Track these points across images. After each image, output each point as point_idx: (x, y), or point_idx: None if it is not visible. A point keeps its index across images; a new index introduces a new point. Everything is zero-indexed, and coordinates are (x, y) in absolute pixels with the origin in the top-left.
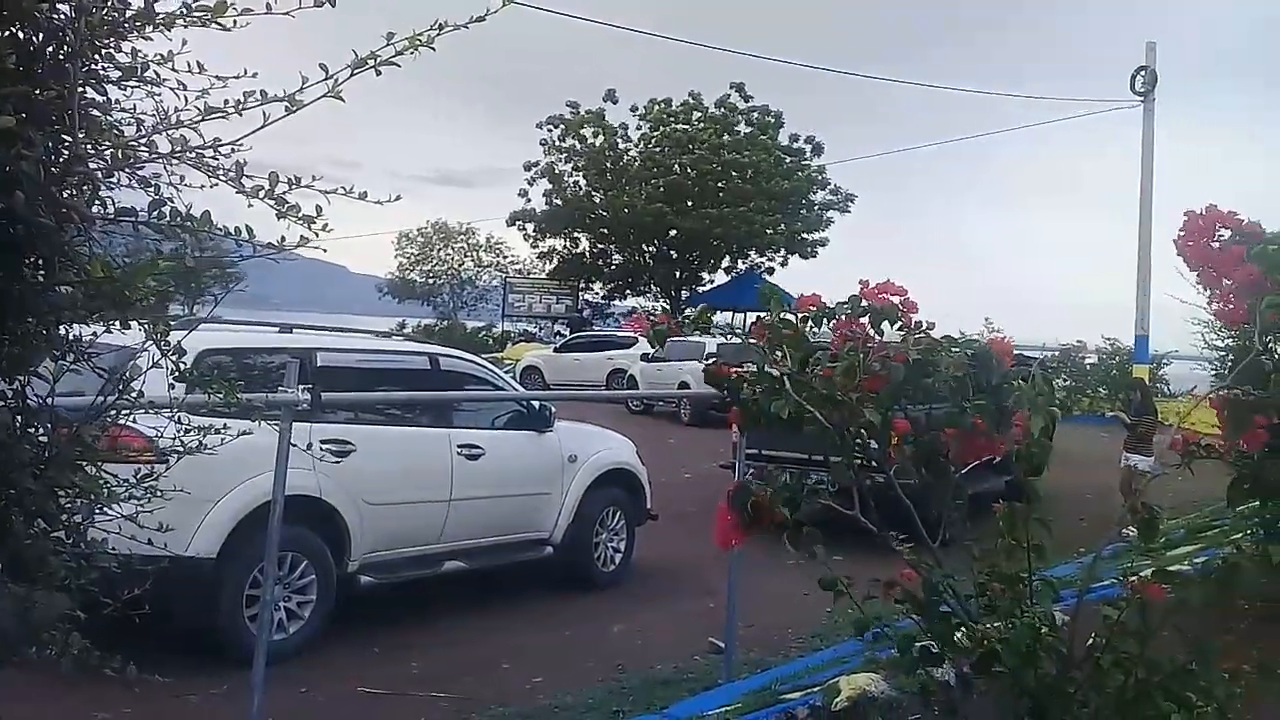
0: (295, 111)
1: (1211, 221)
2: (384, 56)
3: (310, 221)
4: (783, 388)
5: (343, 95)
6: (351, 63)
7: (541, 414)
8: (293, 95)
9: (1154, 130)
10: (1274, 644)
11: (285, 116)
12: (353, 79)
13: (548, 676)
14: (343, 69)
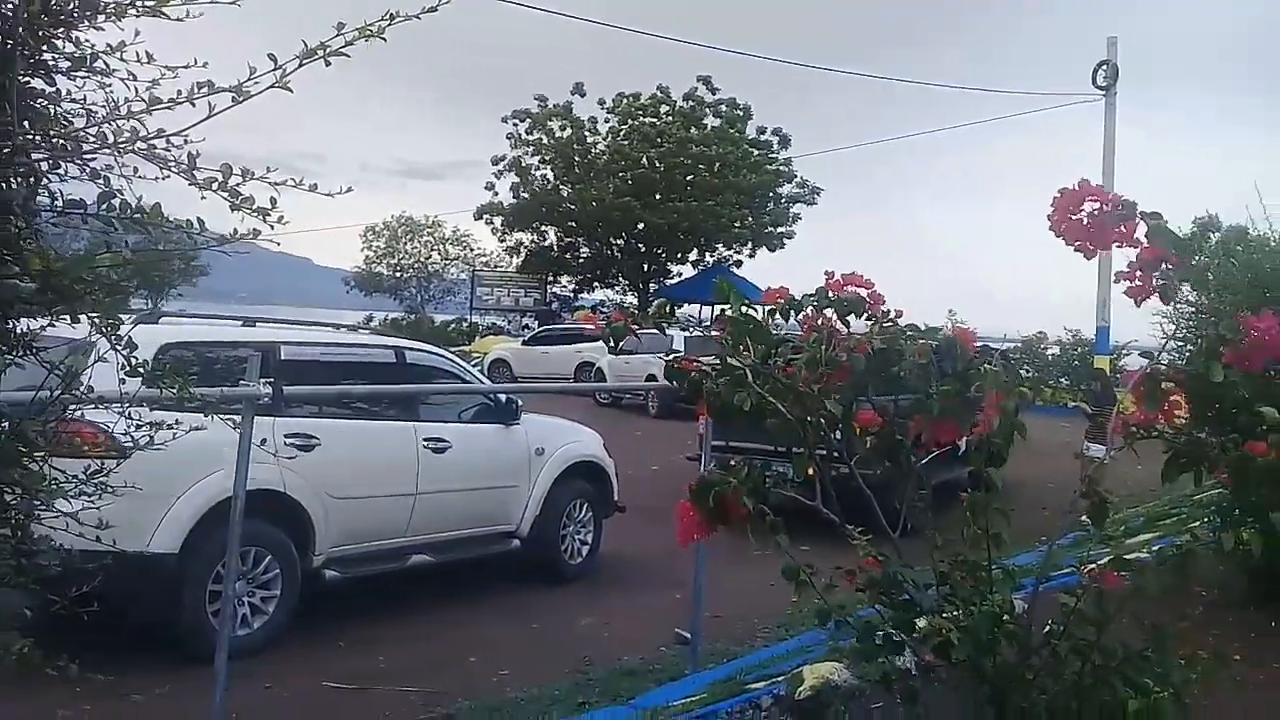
0: (242, 102)
1: (1079, 196)
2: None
3: (265, 214)
4: (745, 380)
5: (290, 86)
6: (300, 53)
7: (508, 407)
8: (240, 85)
9: (1115, 123)
10: (1229, 630)
11: (232, 107)
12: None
13: (515, 669)
14: (291, 60)
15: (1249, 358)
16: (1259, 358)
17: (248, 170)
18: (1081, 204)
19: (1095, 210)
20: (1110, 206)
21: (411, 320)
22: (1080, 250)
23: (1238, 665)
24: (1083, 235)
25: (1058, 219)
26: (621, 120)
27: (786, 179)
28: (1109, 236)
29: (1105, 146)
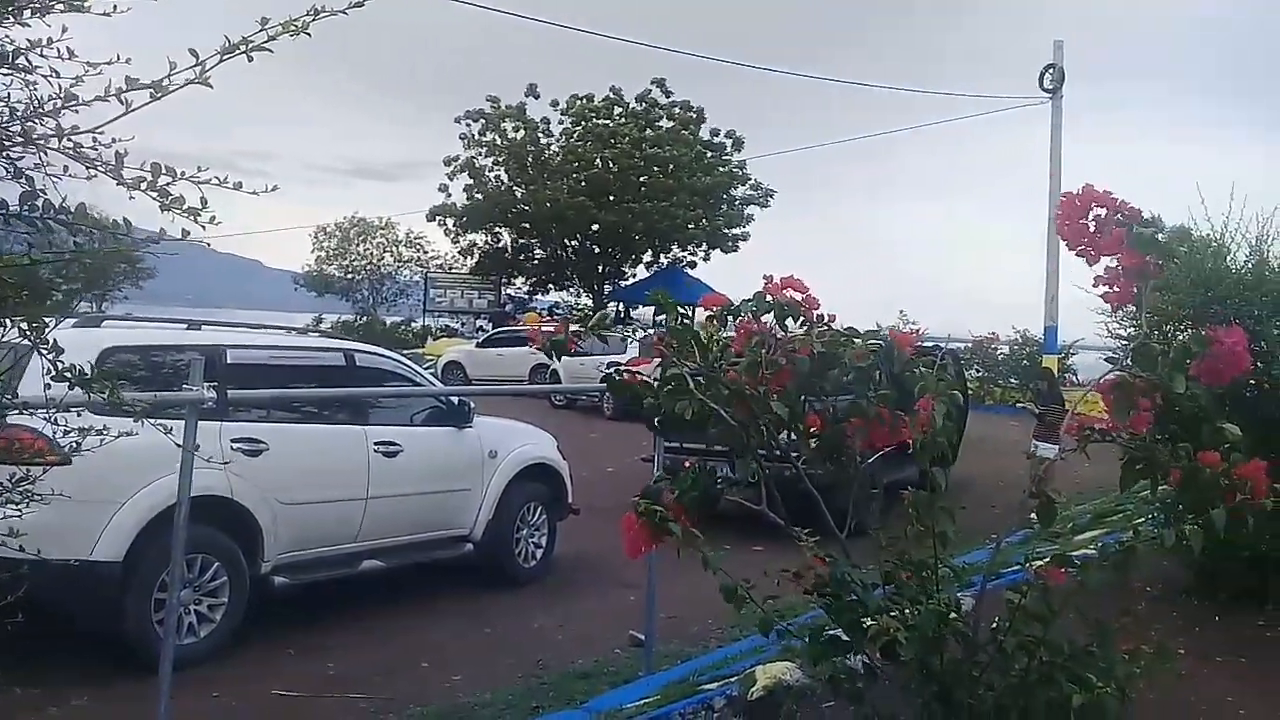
0: (160, 97)
1: (1087, 201)
2: (256, 42)
3: (195, 214)
4: (687, 388)
5: (210, 82)
6: (221, 48)
7: (461, 410)
8: (159, 82)
9: (1062, 125)
10: (1173, 624)
11: (150, 102)
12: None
13: (467, 674)
14: (212, 55)
15: (1214, 372)
16: (1225, 373)
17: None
18: (1088, 210)
19: (1102, 216)
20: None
21: (363, 322)
22: (1082, 255)
23: (1181, 659)
24: (1087, 240)
25: (1063, 223)
26: (575, 121)
27: (740, 181)
28: (1112, 243)
29: (1052, 148)
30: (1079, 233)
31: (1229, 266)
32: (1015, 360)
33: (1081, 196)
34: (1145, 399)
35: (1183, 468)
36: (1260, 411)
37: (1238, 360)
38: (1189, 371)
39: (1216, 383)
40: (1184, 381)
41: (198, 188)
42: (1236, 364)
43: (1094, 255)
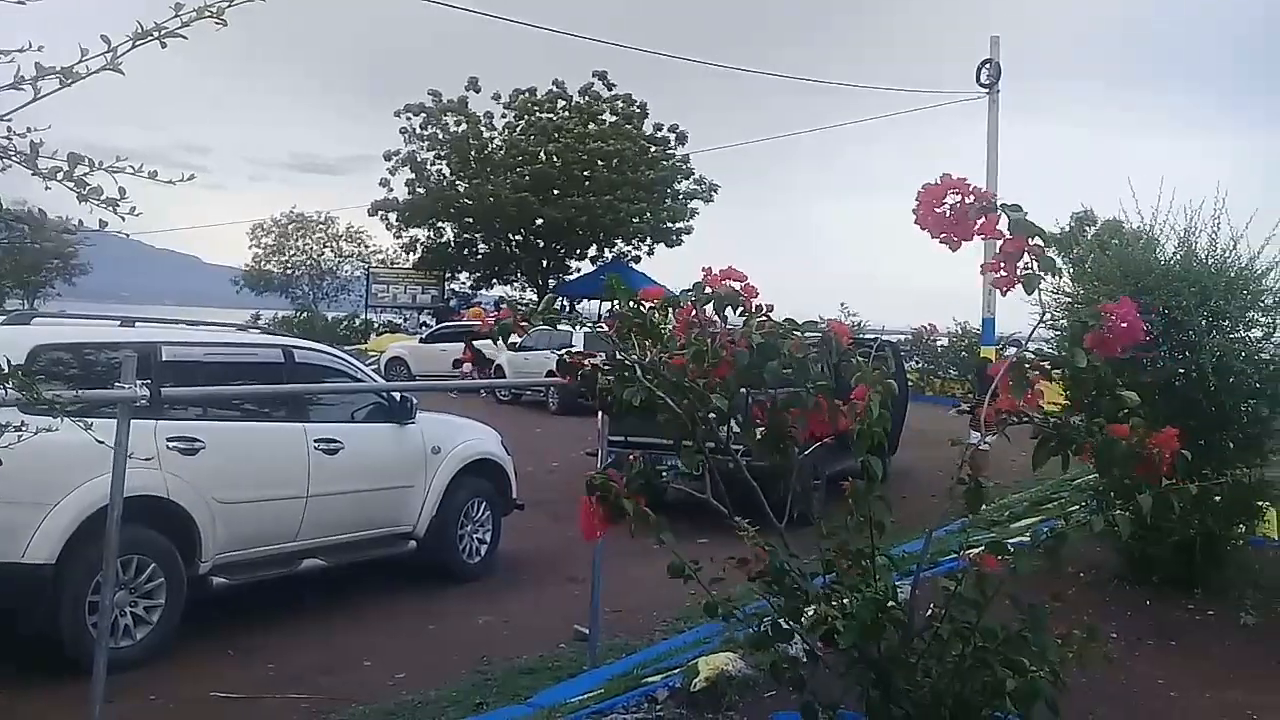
0: (70, 84)
1: (943, 189)
2: (170, 28)
3: (114, 205)
4: (634, 376)
5: (122, 69)
6: (133, 34)
7: (403, 406)
8: (69, 68)
9: (998, 121)
10: (1105, 608)
11: (60, 89)
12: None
13: (410, 672)
14: (124, 41)
15: (1108, 343)
16: (1118, 343)
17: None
18: (944, 197)
19: (957, 203)
20: (971, 199)
21: (304, 318)
22: (945, 242)
23: (1113, 643)
24: (945, 227)
25: (922, 212)
26: (518, 115)
27: (683, 175)
28: (971, 228)
29: (989, 143)
30: (938, 221)
31: (1158, 258)
32: (954, 352)
33: (938, 185)
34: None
35: (1095, 441)
36: (1188, 400)
37: (1130, 330)
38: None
39: (1109, 353)
40: (1084, 355)
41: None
42: (1129, 334)
43: (955, 241)
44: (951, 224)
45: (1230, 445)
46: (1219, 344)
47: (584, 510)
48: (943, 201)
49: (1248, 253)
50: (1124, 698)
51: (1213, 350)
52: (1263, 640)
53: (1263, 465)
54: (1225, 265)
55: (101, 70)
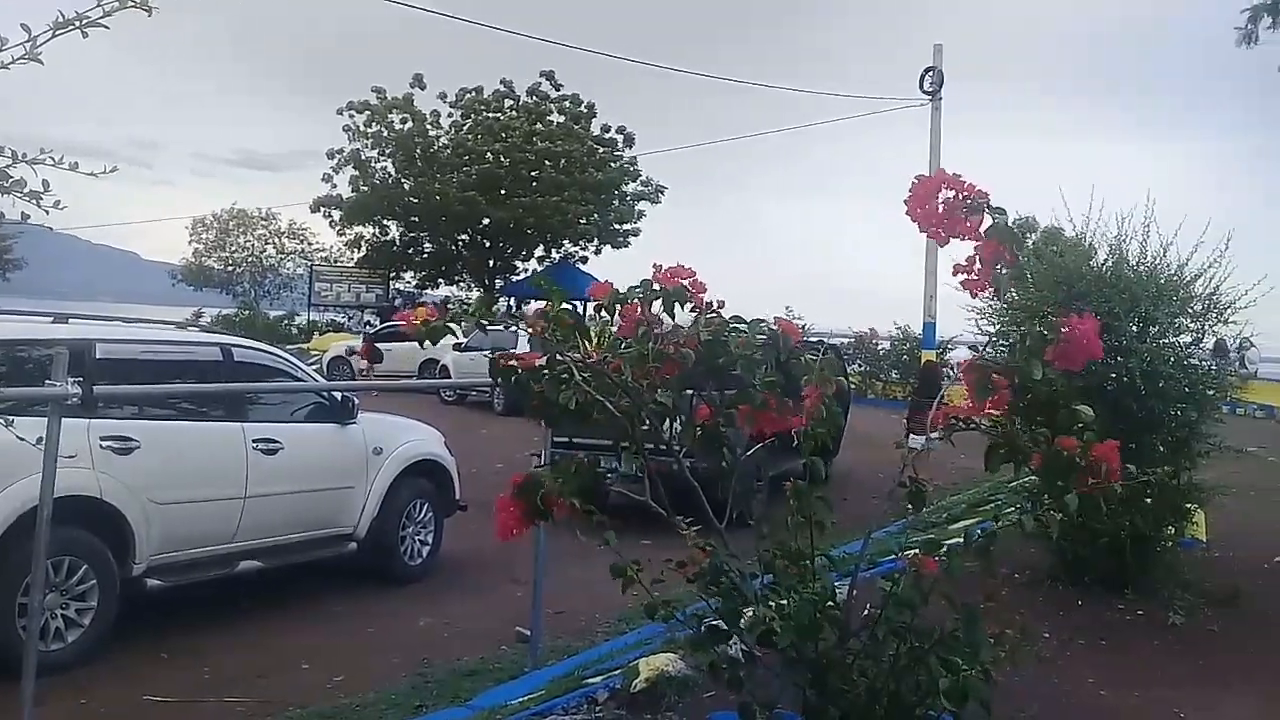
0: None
1: (937, 184)
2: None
3: (37, 197)
4: (571, 377)
5: (41, 58)
6: (54, 23)
7: (344, 406)
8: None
9: (941, 127)
10: (1039, 608)
11: None
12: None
13: (350, 675)
14: (44, 30)
15: (1067, 357)
16: (1078, 357)
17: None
18: (938, 192)
19: (951, 199)
20: (966, 195)
21: (245, 316)
22: (933, 236)
23: (1046, 643)
24: (937, 222)
25: (914, 205)
26: (464, 114)
27: (631, 176)
28: (962, 225)
29: (931, 148)
30: (929, 215)
31: (1091, 265)
32: (896, 355)
33: (932, 179)
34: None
35: (1043, 451)
36: (1119, 404)
37: (1090, 346)
38: (1045, 357)
39: (1070, 367)
40: (1041, 367)
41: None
42: (1089, 349)
43: (942, 237)
44: (943, 220)
45: (1160, 448)
46: (1149, 349)
47: (501, 508)
48: (935, 196)
49: (1177, 260)
50: (1055, 696)
51: (1143, 355)
52: (1190, 640)
53: (1191, 468)
54: (1155, 272)
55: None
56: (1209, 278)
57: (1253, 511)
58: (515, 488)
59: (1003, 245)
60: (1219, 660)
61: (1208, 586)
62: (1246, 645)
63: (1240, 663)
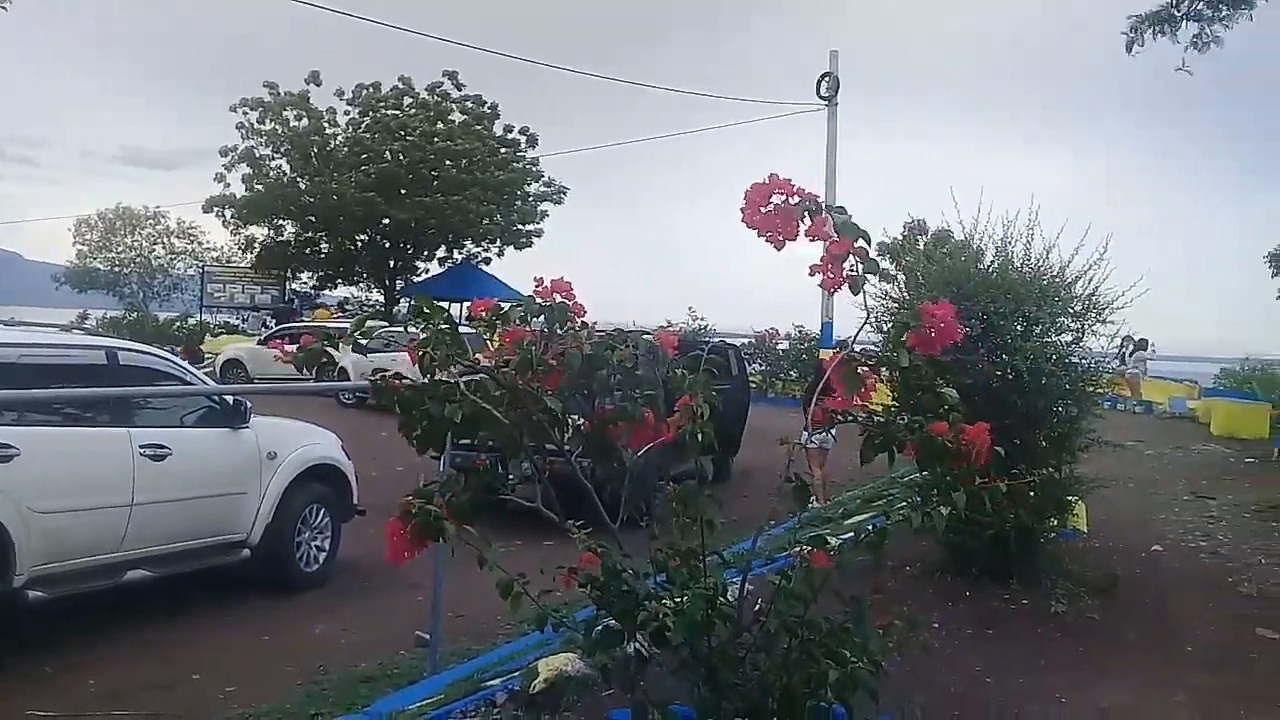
0: None
1: (769, 189)
2: None
3: None
4: (455, 390)
5: None
6: None
7: (236, 409)
8: None
9: (837, 131)
10: (927, 600)
11: None
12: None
13: (242, 685)
14: None
15: (929, 342)
16: (938, 342)
17: None
18: (769, 197)
19: (781, 202)
20: (795, 199)
21: (133, 319)
22: (770, 241)
23: (935, 632)
24: (771, 226)
25: (750, 212)
26: (362, 112)
27: (534, 177)
28: (796, 228)
29: (828, 151)
30: (765, 220)
31: (978, 267)
32: (795, 354)
33: (764, 186)
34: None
35: (916, 438)
36: (1004, 401)
37: (947, 330)
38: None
39: (929, 351)
40: (907, 354)
41: None
42: (947, 334)
43: (779, 240)
44: (777, 223)
45: (1043, 443)
46: (1032, 348)
47: (391, 533)
48: (769, 201)
49: (1059, 262)
50: (943, 685)
51: (1026, 354)
52: (1071, 627)
53: (1072, 462)
54: (1039, 274)
55: None
56: (1089, 279)
57: (1131, 503)
58: (403, 513)
59: (851, 243)
60: (1098, 646)
61: (1088, 575)
62: (1124, 631)
63: (1117, 647)
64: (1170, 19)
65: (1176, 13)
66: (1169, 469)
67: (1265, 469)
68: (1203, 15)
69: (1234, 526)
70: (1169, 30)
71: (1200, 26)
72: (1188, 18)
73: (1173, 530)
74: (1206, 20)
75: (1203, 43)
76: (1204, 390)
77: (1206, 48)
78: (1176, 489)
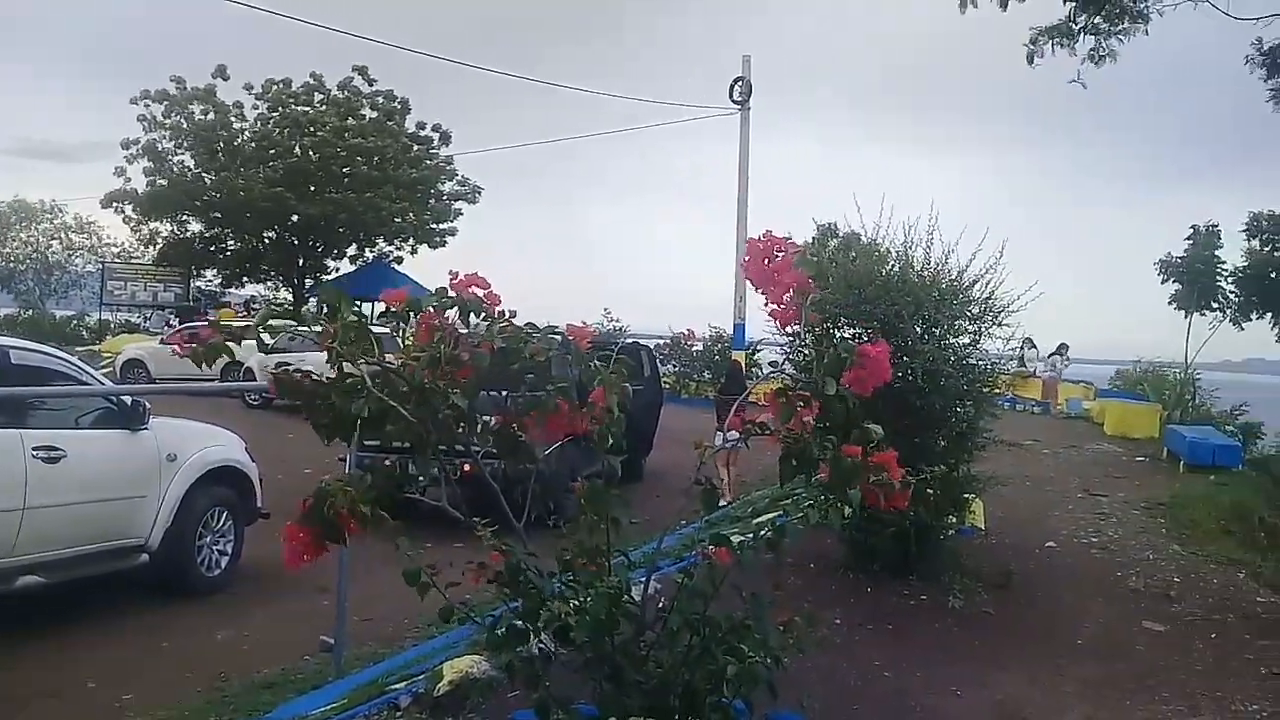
0: None
1: (770, 245)
2: None
3: None
4: (362, 386)
5: None
6: None
7: (135, 411)
8: None
9: (749, 135)
10: (829, 596)
11: None
12: None
13: (140, 693)
14: None
15: (861, 382)
16: (869, 381)
17: None
18: (772, 253)
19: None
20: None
21: (28, 316)
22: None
23: (836, 628)
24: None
25: (750, 266)
26: (271, 107)
27: (448, 176)
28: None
29: (740, 155)
30: (764, 275)
31: (879, 270)
32: (709, 355)
33: (766, 241)
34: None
35: (830, 459)
36: (904, 402)
37: (880, 370)
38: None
39: (863, 391)
40: (834, 385)
41: None
42: (879, 374)
43: (776, 294)
44: (775, 277)
45: (941, 443)
46: (931, 350)
47: (290, 536)
48: (772, 258)
49: (958, 266)
50: (843, 678)
51: (926, 356)
52: (967, 621)
53: (970, 460)
54: (938, 277)
55: None
56: (985, 283)
57: (1027, 500)
58: (304, 513)
59: (809, 279)
60: (993, 639)
61: (985, 571)
62: (1017, 625)
63: (1011, 640)
64: (1069, 32)
65: (1074, 25)
66: (1064, 467)
67: (1154, 467)
68: (1100, 29)
69: (1124, 523)
70: (1067, 43)
71: (1097, 40)
72: (1086, 31)
73: (1066, 527)
74: (1104, 34)
75: (1098, 56)
76: (1099, 391)
77: (1102, 62)
78: (1070, 487)
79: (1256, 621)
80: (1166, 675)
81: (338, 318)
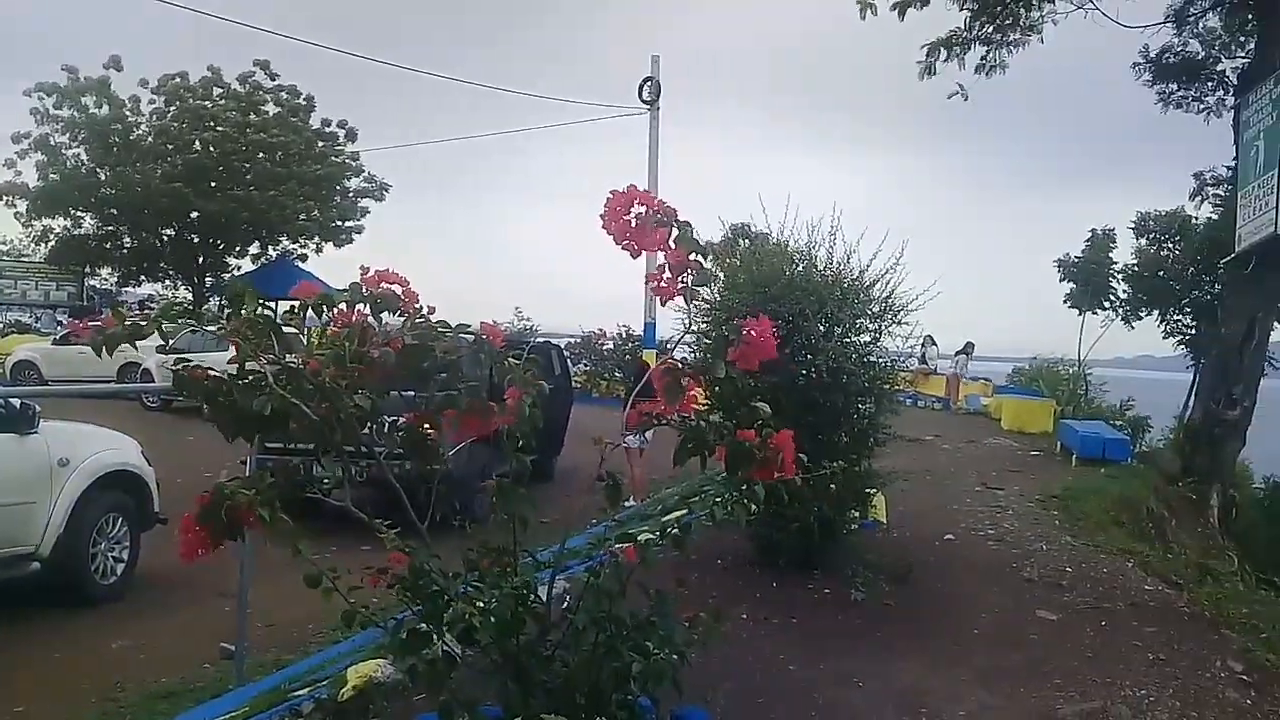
0: None
1: (629, 199)
2: None
3: None
4: (265, 383)
5: None
6: None
7: (23, 414)
8: None
9: (659, 135)
10: (736, 591)
11: None
12: None
13: (31, 705)
14: None
15: (746, 358)
16: (754, 357)
17: None
18: (630, 207)
19: (641, 214)
20: (655, 211)
21: None
22: (627, 249)
23: (743, 623)
24: (630, 236)
25: (609, 219)
26: (168, 101)
27: (354, 172)
28: (652, 239)
29: (650, 154)
30: (623, 229)
31: (784, 270)
32: (619, 354)
33: (624, 195)
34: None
35: (726, 443)
36: (808, 399)
37: (765, 347)
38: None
39: (749, 368)
40: (724, 366)
41: None
42: (764, 350)
43: (636, 249)
44: (635, 233)
45: (844, 439)
46: (834, 348)
47: (185, 529)
48: (629, 211)
49: (859, 266)
50: (749, 672)
51: (829, 353)
52: (869, 614)
53: (871, 456)
54: (840, 277)
55: None
56: (886, 282)
57: (927, 494)
58: (201, 508)
59: (688, 255)
60: (894, 630)
61: (886, 564)
62: (917, 616)
63: (911, 631)
64: (962, 42)
65: (967, 35)
66: (962, 462)
67: (1048, 461)
68: (991, 39)
69: (1019, 515)
70: (959, 54)
71: (989, 50)
72: (978, 40)
73: (964, 519)
74: (995, 44)
75: (989, 67)
76: (996, 388)
77: (992, 73)
78: (968, 480)
79: (1144, 609)
80: (1059, 662)
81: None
